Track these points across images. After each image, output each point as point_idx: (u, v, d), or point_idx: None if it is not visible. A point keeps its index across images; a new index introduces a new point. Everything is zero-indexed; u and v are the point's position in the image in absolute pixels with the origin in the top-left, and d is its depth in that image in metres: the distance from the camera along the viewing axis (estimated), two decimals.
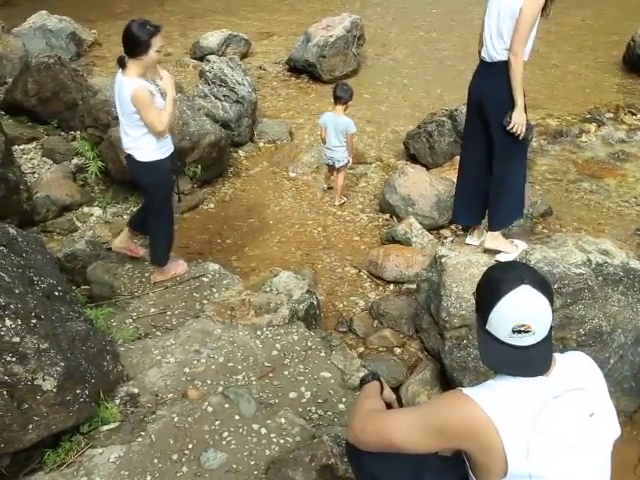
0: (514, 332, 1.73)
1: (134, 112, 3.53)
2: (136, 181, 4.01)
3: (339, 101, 5.43)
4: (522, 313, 1.72)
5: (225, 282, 4.01)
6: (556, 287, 3.26)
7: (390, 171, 6.05)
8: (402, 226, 4.96)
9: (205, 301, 3.79)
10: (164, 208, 3.90)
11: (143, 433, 2.65)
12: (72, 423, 2.54)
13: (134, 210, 4.97)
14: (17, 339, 2.35)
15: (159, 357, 3.20)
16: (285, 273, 3.98)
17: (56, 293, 2.81)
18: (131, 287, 3.99)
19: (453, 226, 5.22)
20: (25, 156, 5.59)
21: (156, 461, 2.54)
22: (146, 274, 4.08)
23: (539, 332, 1.73)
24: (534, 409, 1.67)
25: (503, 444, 1.66)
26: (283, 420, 2.81)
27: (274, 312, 3.60)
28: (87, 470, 2.46)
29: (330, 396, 3.11)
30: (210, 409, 2.82)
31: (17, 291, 2.48)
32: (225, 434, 2.70)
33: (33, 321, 2.45)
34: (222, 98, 6.51)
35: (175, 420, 2.73)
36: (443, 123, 6.19)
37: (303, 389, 3.12)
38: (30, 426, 2.37)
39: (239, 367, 3.19)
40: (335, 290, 4.48)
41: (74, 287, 3.80)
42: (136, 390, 2.94)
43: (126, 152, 3.76)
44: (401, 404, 3.35)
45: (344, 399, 3.09)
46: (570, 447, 1.67)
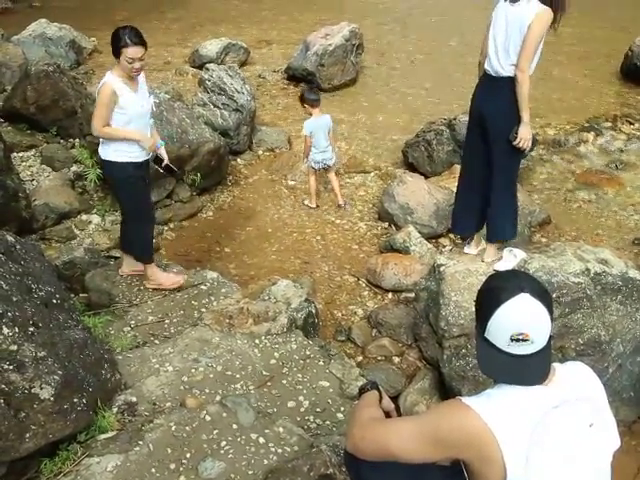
0: (512, 340, 1.72)
1: None
2: None
3: (316, 104, 5.60)
4: (521, 322, 1.71)
5: (223, 290, 4.01)
6: (555, 296, 3.26)
7: (389, 180, 6.05)
8: (401, 235, 4.97)
9: (203, 309, 3.78)
10: (135, 208, 3.89)
11: (141, 442, 2.63)
12: (69, 432, 2.52)
13: None
14: (14, 347, 2.34)
15: (157, 365, 3.19)
16: (284, 281, 3.97)
17: (54, 301, 2.80)
18: (129, 295, 3.98)
19: (452, 235, 5.23)
20: (24, 163, 5.58)
21: (154, 470, 2.52)
22: (144, 282, 4.07)
23: (538, 341, 1.73)
24: (534, 419, 1.66)
25: (502, 454, 1.65)
26: (281, 429, 2.79)
27: (272, 321, 3.60)
28: (84, 479, 2.44)
29: (329, 405, 3.10)
30: (208, 418, 2.81)
31: (15, 299, 2.47)
32: (223, 443, 2.69)
33: (31, 329, 2.44)
34: (221, 106, 6.54)
35: (173, 429, 2.72)
36: (442, 132, 6.21)
37: (301, 398, 3.11)
38: (27, 435, 2.35)
39: (237, 376, 3.18)
40: (334, 299, 4.48)
41: (72, 295, 3.77)
42: (134, 399, 2.92)
43: None
44: (400, 413, 3.34)
45: (343, 408, 3.08)
46: (570, 458, 1.66)
